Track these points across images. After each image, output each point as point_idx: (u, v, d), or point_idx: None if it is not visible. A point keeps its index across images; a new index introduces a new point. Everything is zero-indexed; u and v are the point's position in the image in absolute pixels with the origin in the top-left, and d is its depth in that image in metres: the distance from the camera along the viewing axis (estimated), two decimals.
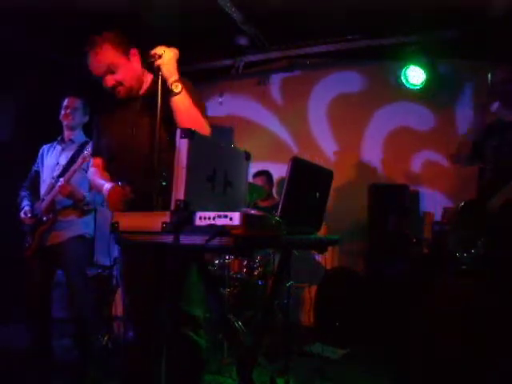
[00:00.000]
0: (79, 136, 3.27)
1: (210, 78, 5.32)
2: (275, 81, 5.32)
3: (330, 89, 5.09)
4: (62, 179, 2.93)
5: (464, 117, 4.36)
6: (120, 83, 2.03)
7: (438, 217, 4.14)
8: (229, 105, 5.48)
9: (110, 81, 2.03)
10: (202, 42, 4.34)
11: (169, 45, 1.98)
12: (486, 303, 2.44)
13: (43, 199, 3.05)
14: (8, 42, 4.16)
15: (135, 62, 2.11)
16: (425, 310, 3.46)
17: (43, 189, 3.14)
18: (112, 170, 2.16)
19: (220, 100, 5.46)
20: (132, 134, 2.09)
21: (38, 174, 3.27)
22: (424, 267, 3.92)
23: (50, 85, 4.46)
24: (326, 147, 5.08)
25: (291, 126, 5.25)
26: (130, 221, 1.60)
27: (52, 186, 3.03)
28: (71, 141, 3.23)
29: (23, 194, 3.25)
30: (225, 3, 3.78)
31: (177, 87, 1.90)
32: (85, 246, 3.19)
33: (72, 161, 3.08)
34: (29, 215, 3.06)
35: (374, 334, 3.75)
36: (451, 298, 3.29)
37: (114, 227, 1.60)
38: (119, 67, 2.03)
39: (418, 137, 4.61)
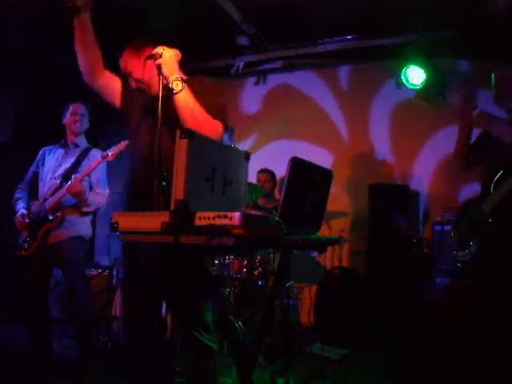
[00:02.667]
0: (83, 141, 3.32)
1: (210, 77, 5.31)
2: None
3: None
4: (74, 176, 2.97)
5: None
6: (138, 81, 2.14)
7: (438, 217, 4.14)
8: (228, 104, 5.47)
9: (132, 83, 2.17)
10: (202, 41, 4.34)
11: (169, 44, 1.99)
12: (486, 303, 2.44)
13: (46, 199, 3.07)
14: (8, 42, 4.16)
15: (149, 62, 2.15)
16: (425, 310, 3.46)
17: (43, 189, 3.15)
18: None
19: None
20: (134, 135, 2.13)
21: (35, 175, 3.28)
22: (424, 267, 3.92)
23: (49, 86, 4.46)
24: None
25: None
26: (130, 221, 1.60)
27: (56, 187, 3.06)
28: (75, 145, 3.27)
29: (18, 195, 3.25)
30: (225, 3, 3.78)
31: (177, 85, 1.91)
32: (84, 247, 3.21)
33: (77, 163, 3.13)
34: (26, 220, 3.06)
35: (374, 334, 3.75)
36: (451, 298, 3.29)
37: (114, 227, 1.60)
38: (134, 69, 2.14)
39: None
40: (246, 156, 1.82)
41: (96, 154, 3.17)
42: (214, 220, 1.39)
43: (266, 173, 4.51)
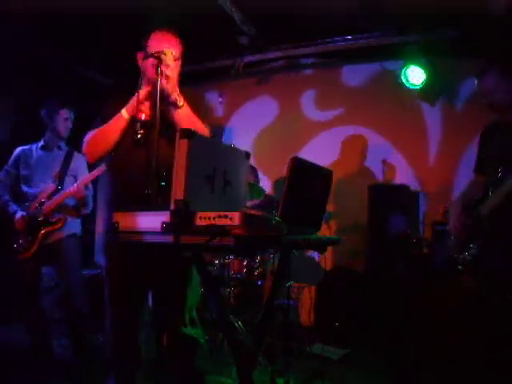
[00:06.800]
0: (63, 144, 3.35)
1: (210, 77, 5.32)
2: None
3: None
4: (78, 182, 3.09)
5: None
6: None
7: (438, 217, 4.14)
8: (229, 104, 5.49)
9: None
10: (202, 41, 4.34)
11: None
12: (487, 303, 2.44)
13: (42, 202, 3.09)
14: (8, 42, 4.16)
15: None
16: (425, 310, 3.46)
17: (34, 192, 3.16)
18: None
19: (220, 100, 5.48)
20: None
21: (16, 176, 3.24)
22: (424, 267, 3.91)
23: (49, 86, 4.46)
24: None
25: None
26: (130, 221, 1.60)
27: (53, 190, 3.11)
28: (58, 147, 3.30)
29: (5, 198, 3.24)
30: (225, 3, 3.78)
31: (180, 101, 2.00)
32: (78, 244, 3.28)
33: (66, 166, 3.22)
34: (25, 222, 3.08)
35: (374, 334, 3.75)
36: (451, 297, 3.29)
37: (114, 227, 1.60)
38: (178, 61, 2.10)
39: None
40: (247, 156, 1.82)
41: (79, 157, 3.28)
42: (214, 220, 1.39)
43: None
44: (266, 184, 4.99)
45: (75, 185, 3.08)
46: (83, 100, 3.34)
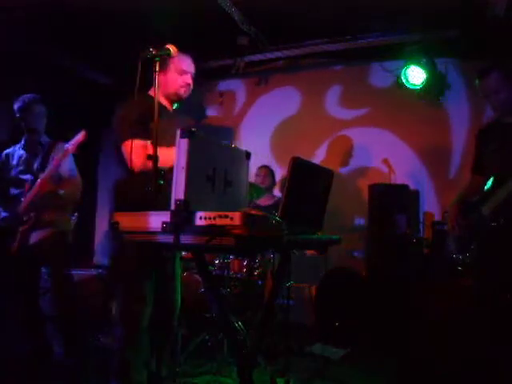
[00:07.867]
0: (45, 137, 3.29)
1: (210, 77, 5.32)
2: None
3: None
4: (42, 175, 2.97)
5: None
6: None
7: (438, 217, 4.14)
8: (228, 104, 5.49)
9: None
10: (202, 41, 4.34)
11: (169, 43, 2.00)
12: (486, 303, 2.44)
13: (21, 201, 3.06)
14: (7, 42, 4.16)
15: None
16: (425, 310, 3.46)
17: (15, 192, 3.13)
18: None
19: (220, 100, 5.49)
20: None
21: (3, 180, 3.21)
22: (424, 267, 3.91)
23: (48, 86, 4.46)
24: None
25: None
26: (131, 221, 1.60)
27: (29, 186, 3.04)
28: (39, 143, 3.24)
29: None
30: (225, 3, 3.78)
31: None
32: (66, 241, 3.22)
33: (45, 158, 3.13)
34: (7, 223, 3.06)
35: (375, 334, 3.75)
36: (451, 298, 3.29)
37: (114, 227, 1.60)
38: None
39: None
40: (247, 155, 1.82)
41: (60, 146, 3.17)
42: (214, 220, 1.39)
43: (266, 168, 4.58)
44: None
45: (38, 180, 2.96)
46: (82, 100, 3.30)
